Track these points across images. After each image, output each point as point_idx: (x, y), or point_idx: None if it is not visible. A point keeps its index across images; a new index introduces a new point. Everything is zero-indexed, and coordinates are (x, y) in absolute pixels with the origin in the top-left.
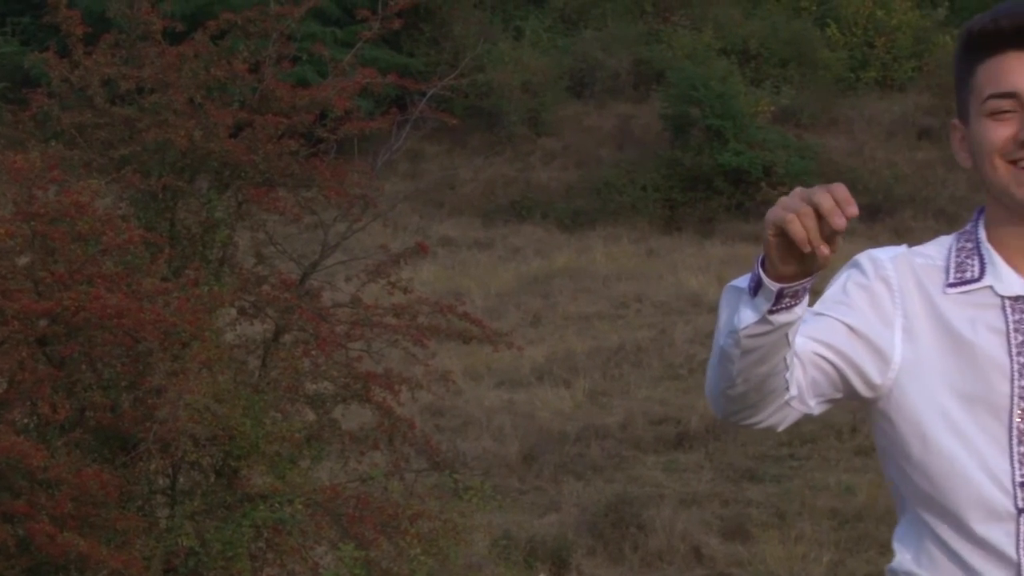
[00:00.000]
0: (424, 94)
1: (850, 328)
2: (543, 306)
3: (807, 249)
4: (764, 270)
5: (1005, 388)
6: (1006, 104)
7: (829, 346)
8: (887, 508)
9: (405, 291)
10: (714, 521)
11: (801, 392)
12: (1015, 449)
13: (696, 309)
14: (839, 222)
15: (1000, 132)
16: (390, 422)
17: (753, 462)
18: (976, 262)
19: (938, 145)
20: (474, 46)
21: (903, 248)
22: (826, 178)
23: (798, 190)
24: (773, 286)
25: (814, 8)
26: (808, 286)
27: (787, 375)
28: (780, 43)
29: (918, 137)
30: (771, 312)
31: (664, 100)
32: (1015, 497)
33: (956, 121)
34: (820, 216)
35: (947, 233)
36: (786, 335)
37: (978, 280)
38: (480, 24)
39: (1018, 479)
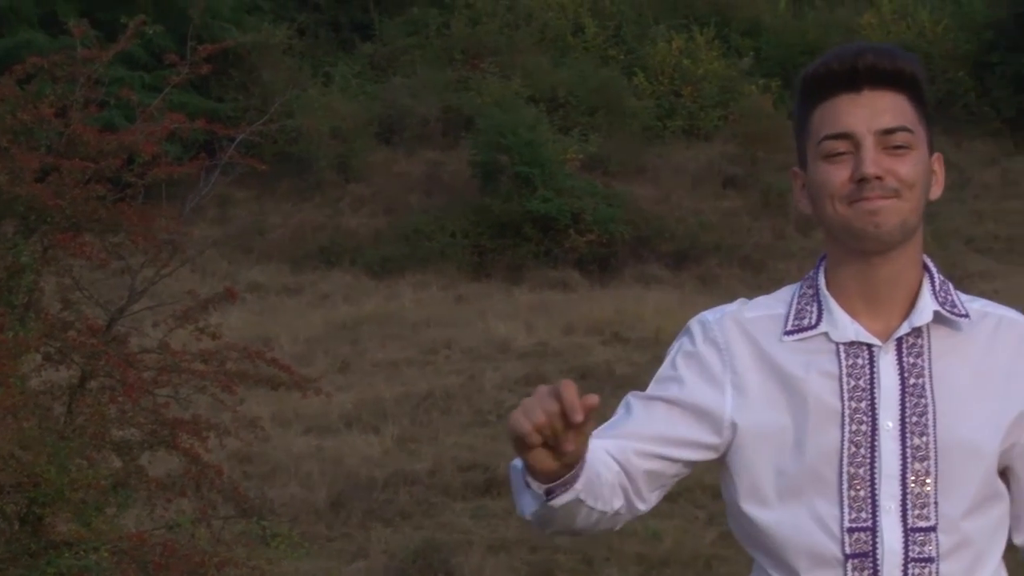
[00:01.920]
0: (233, 139)
1: (676, 403)
2: (352, 352)
3: (537, 443)
4: (529, 471)
5: (836, 433)
6: (840, 145)
7: (656, 439)
8: (693, 553)
9: (213, 337)
10: (522, 567)
11: (630, 499)
12: (845, 494)
13: (505, 356)
14: (577, 418)
15: (837, 174)
16: (197, 469)
17: None
18: (814, 309)
19: (743, 194)
20: (283, 92)
21: (735, 305)
22: (634, 226)
23: (529, 399)
24: (539, 488)
25: (622, 57)
26: (578, 472)
27: (604, 506)
28: (588, 91)
29: (724, 186)
30: (549, 499)
31: (473, 147)
32: (843, 543)
33: (796, 169)
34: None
35: (751, 281)
36: (579, 498)
37: (814, 327)
38: (289, 70)
39: (847, 525)
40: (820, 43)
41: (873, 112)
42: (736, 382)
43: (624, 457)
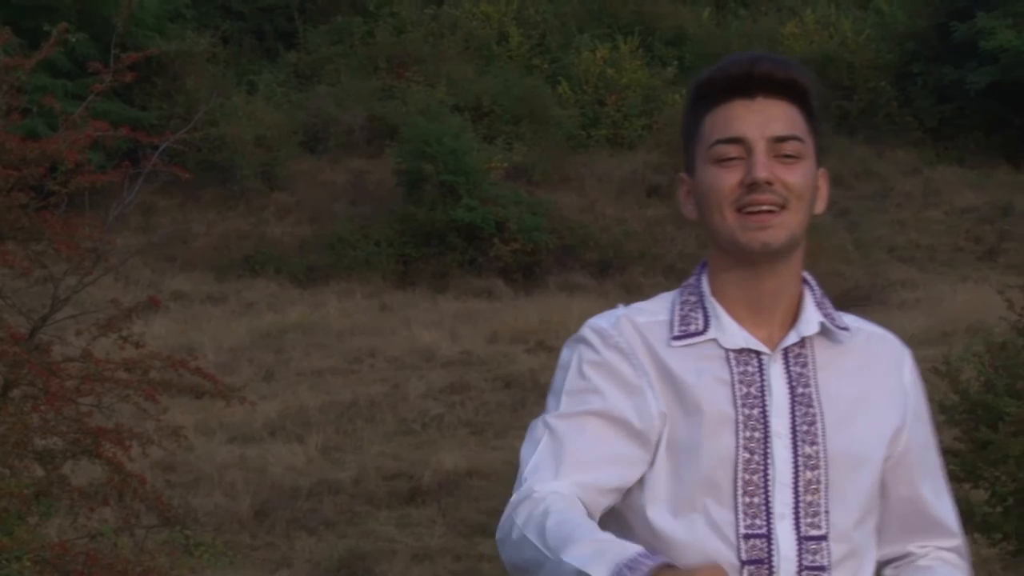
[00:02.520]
0: (157, 147)
1: (604, 416)
2: (276, 361)
3: None
4: None
5: (731, 440)
6: (732, 150)
7: (604, 462)
8: None
9: (137, 346)
10: None
11: None
12: (740, 500)
13: (429, 364)
14: None
15: (727, 179)
16: (120, 478)
17: (485, 517)
18: (700, 315)
19: (667, 202)
20: (207, 100)
21: (621, 310)
22: (558, 235)
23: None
24: None
25: (546, 66)
26: None
27: None
28: (513, 100)
29: (647, 194)
30: None
31: (398, 156)
32: (738, 549)
33: (683, 175)
34: None
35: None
36: None
37: (702, 333)
38: (213, 78)
39: (742, 531)
40: None
41: (766, 119)
42: (651, 384)
43: (592, 501)
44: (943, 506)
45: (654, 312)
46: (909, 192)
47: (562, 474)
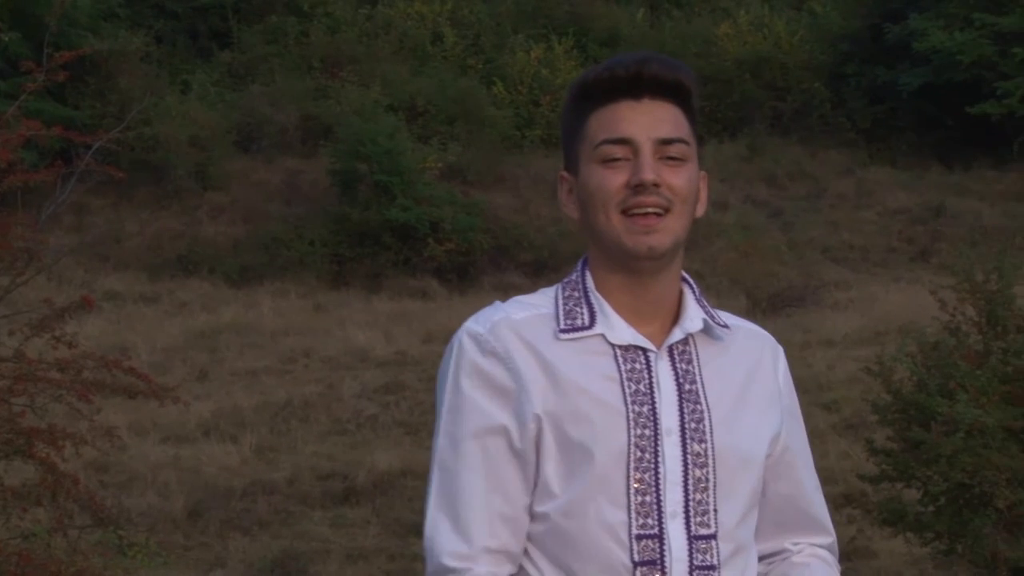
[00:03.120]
0: (90, 147)
1: (488, 434)
2: (210, 361)
3: None
4: None
5: (622, 437)
6: (619, 151)
7: (514, 497)
8: None
9: (70, 346)
10: None
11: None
12: (632, 499)
13: (364, 364)
14: None
15: (613, 180)
16: (53, 478)
17: (420, 517)
18: (585, 310)
19: None
20: (141, 99)
21: (500, 309)
22: (493, 235)
23: None
24: None
25: (481, 66)
26: None
27: None
28: (447, 100)
29: None
30: None
31: (332, 155)
32: (631, 550)
33: (564, 173)
34: None
35: None
36: None
37: (589, 328)
38: (147, 77)
39: (635, 532)
40: (678, 54)
41: (653, 120)
42: (525, 389)
43: (519, 549)
44: (818, 503)
45: (537, 305)
46: (842, 193)
47: (469, 539)
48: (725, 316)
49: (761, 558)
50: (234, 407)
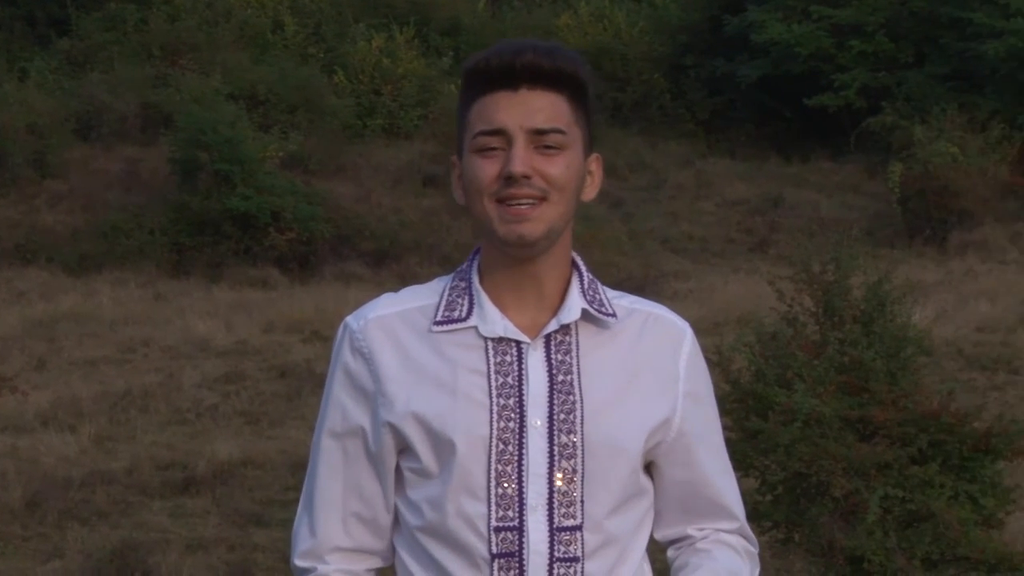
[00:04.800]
0: None
1: (348, 436)
2: (48, 350)
3: None
4: None
5: (485, 431)
6: (493, 141)
7: (351, 524)
8: None
9: None
10: (220, 566)
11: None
12: (493, 492)
13: (204, 354)
14: None
15: (488, 170)
16: None
17: (260, 507)
18: (465, 302)
19: (443, 192)
20: None
21: (380, 303)
22: (334, 224)
23: None
24: None
25: (322, 55)
26: None
27: None
28: (288, 89)
29: (423, 184)
30: None
31: (172, 144)
32: (489, 542)
33: (455, 158)
34: None
35: None
36: None
37: (464, 320)
38: None
39: (494, 524)
40: None
41: (527, 111)
42: (384, 392)
43: (383, 546)
44: (723, 488)
45: (422, 296)
46: (682, 184)
47: (320, 539)
48: (630, 301)
49: (668, 544)
50: (72, 397)
